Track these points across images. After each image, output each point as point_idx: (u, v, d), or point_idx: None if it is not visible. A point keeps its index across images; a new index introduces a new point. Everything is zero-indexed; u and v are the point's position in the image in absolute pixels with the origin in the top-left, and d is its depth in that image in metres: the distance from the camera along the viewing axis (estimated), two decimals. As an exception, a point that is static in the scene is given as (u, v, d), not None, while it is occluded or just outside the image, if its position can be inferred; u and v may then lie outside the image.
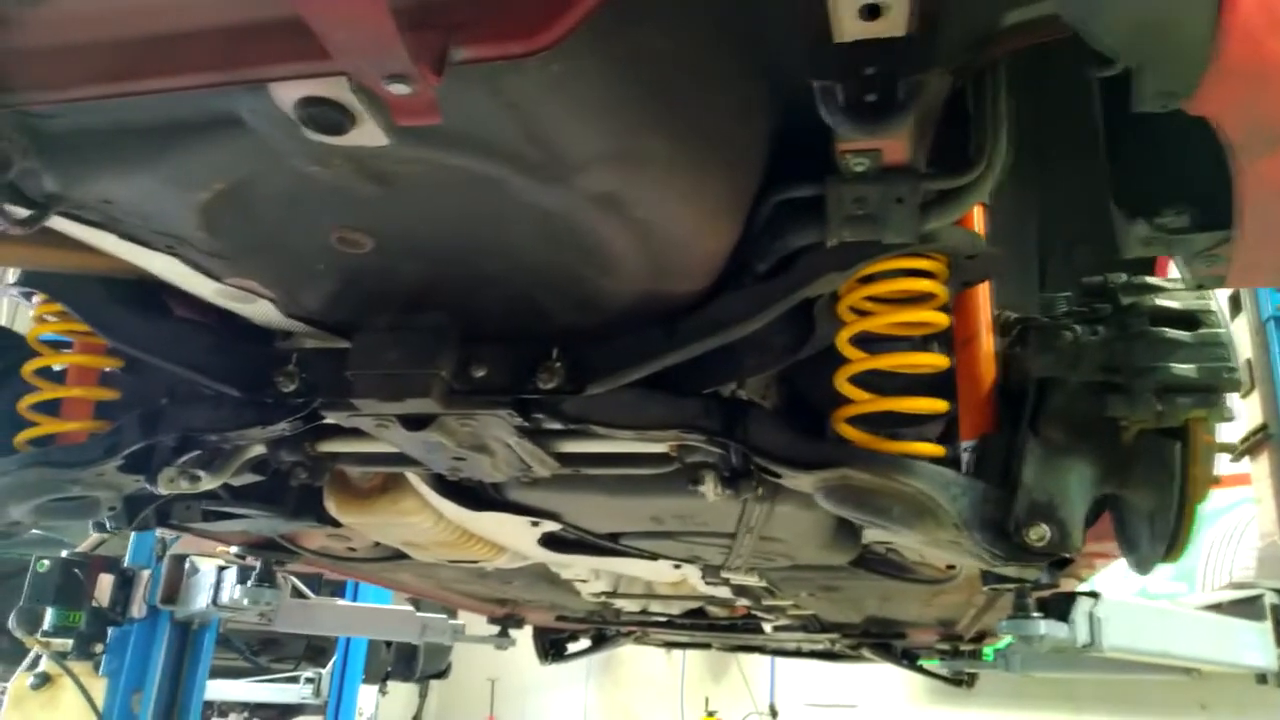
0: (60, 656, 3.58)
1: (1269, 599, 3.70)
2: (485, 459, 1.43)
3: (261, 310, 1.32)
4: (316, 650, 7.55)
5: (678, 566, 2.27)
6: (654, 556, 2.16)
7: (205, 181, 0.99)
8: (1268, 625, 3.62)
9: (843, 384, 1.25)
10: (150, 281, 1.35)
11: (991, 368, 1.29)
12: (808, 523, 1.79)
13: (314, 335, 1.40)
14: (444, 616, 4.07)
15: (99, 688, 3.61)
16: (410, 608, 4.31)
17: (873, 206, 1.05)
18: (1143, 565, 1.26)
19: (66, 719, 3.50)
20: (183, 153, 0.94)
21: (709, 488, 1.29)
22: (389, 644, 8.02)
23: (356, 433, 1.52)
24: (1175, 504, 1.14)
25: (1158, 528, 1.19)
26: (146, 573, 3.82)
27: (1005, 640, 3.56)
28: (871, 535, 1.78)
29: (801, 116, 1.05)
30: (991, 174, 1.04)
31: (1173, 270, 1.27)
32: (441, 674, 8.83)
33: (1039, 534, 1.11)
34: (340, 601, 4.41)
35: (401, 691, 9.27)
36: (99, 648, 3.67)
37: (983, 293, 1.31)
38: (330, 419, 1.35)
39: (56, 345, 1.55)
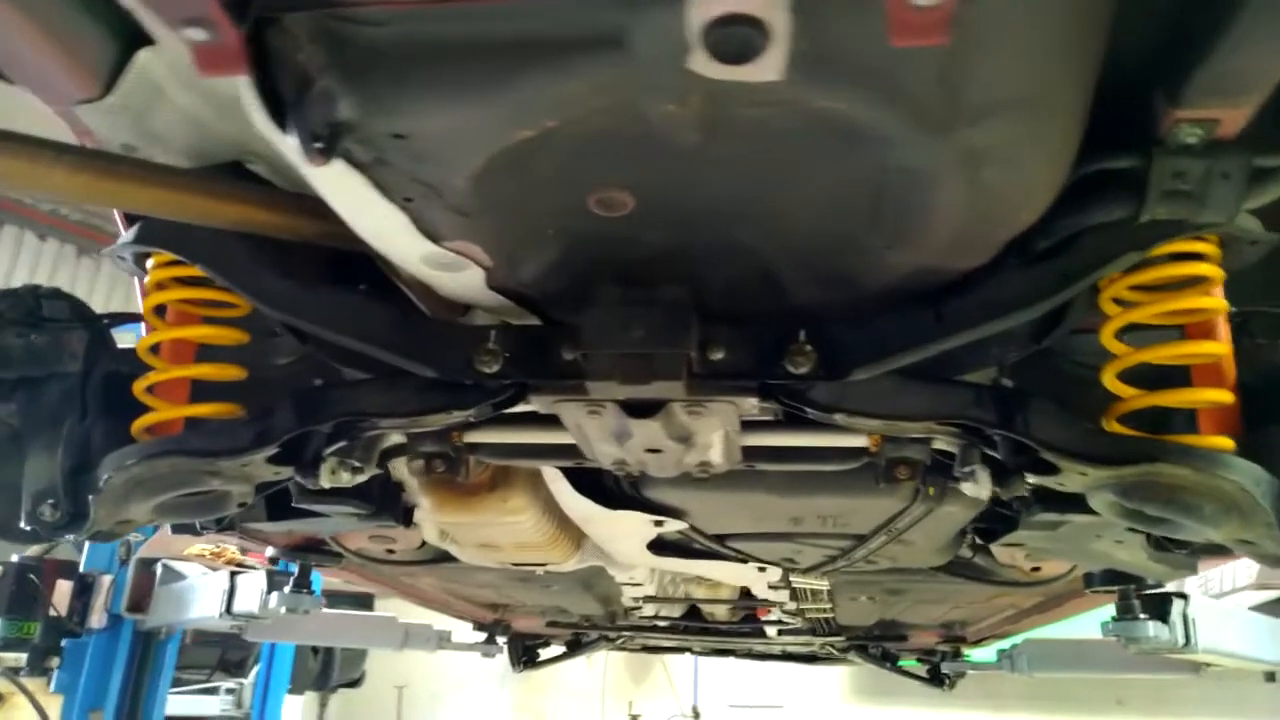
0: (13, 673, 3.20)
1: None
2: (679, 451, 1.30)
3: (464, 280, 1.15)
4: (230, 662, 7.15)
5: (762, 569, 2.17)
6: (746, 559, 2.06)
7: (539, 117, 0.83)
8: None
9: (1111, 380, 1.17)
10: (292, 242, 1.17)
11: (1232, 359, 1.24)
12: (950, 525, 1.72)
13: (500, 311, 1.25)
14: (428, 624, 3.85)
15: (53, 706, 3.25)
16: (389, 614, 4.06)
17: (1193, 182, 0.98)
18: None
19: (20, 743, 3.13)
20: (535, 78, 0.78)
21: (979, 486, 1.19)
22: (316, 652, 7.66)
23: (504, 421, 1.37)
24: None
25: None
26: (108, 579, 3.46)
27: (1010, 641, 3.58)
28: (1011, 537, 1.70)
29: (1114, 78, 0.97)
30: None
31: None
32: (355, 682, 8.52)
33: None
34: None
35: (299, 701, 8.83)
36: (54, 661, 3.30)
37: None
38: (536, 403, 1.19)
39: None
